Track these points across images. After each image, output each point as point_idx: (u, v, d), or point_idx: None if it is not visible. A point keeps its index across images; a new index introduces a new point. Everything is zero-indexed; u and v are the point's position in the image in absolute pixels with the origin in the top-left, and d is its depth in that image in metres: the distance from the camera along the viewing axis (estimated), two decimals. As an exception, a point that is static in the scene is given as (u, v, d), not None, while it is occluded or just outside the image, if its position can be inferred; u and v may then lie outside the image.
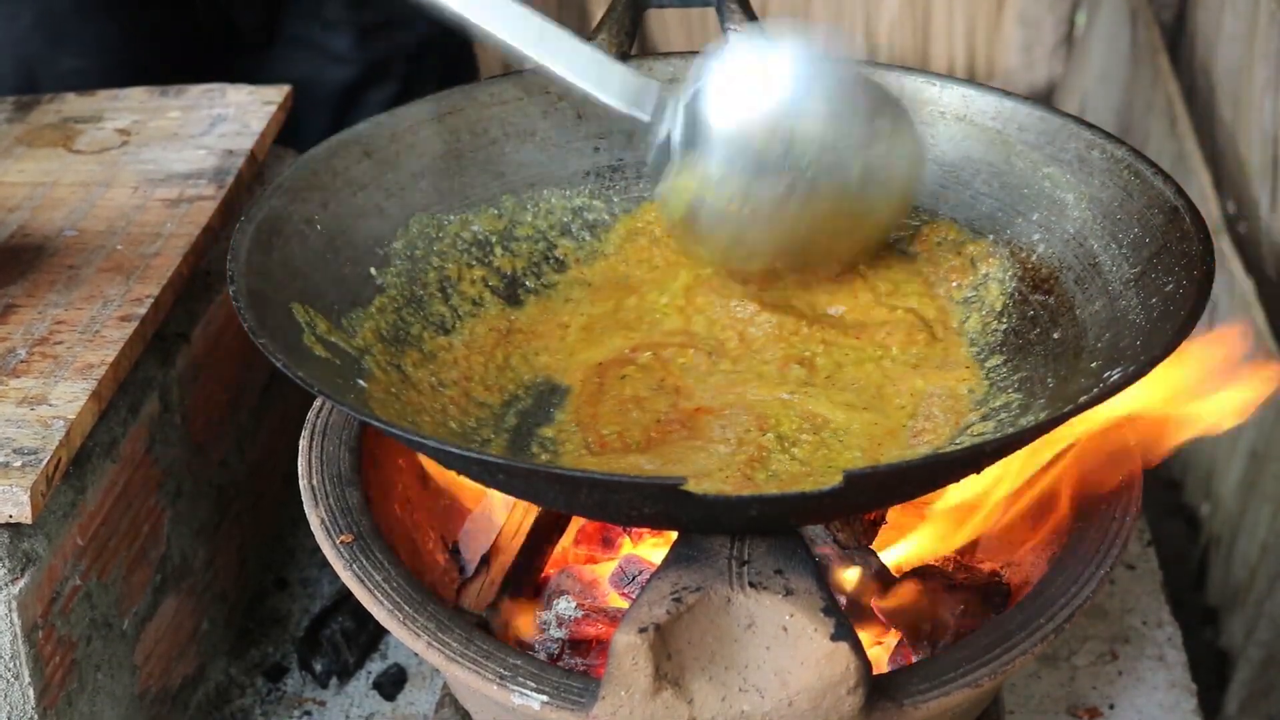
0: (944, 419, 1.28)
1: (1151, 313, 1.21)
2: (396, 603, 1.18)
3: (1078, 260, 1.32)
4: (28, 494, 1.19)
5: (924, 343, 1.36)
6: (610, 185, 1.48)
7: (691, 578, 1.06)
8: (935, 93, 1.44)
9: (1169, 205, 1.26)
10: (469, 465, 1.15)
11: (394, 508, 1.34)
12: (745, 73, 1.31)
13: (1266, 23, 2.23)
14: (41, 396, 1.28)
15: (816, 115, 1.29)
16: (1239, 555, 2.12)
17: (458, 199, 1.44)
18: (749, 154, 1.30)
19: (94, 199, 1.55)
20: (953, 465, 1.14)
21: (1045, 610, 1.16)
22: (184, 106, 1.71)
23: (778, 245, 1.35)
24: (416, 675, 1.55)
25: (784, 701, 1.05)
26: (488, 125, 1.46)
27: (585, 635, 1.30)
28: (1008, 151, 1.40)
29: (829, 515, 1.26)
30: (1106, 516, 1.24)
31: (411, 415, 1.26)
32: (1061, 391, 1.24)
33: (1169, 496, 2.38)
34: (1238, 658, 2.05)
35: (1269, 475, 2.04)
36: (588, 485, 1.10)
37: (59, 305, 1.39)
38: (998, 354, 1.34)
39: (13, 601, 1.21)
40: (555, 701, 1.09)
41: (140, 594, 1.40)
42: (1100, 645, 1.57)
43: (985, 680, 1.11)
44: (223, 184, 1.57)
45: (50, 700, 1.26)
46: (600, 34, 1.47)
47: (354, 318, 1.31)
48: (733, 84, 1.31)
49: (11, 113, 1.71)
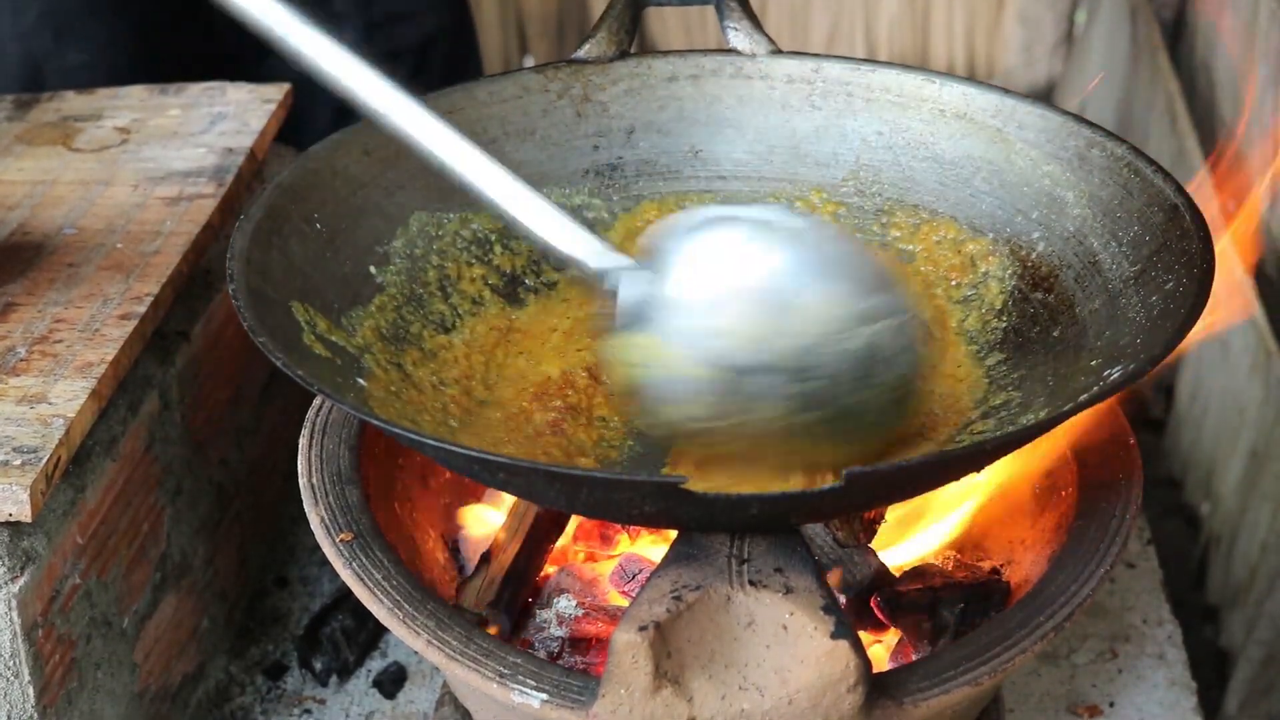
0: (944, 417, 1.28)
1: (1151, 311, 1.21)
2: (396, 601, 1.18)
3: (1077, 258, 1.32)
4: (27, 492, 1.19)
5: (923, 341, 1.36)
6: (610, 183, 1.48)
7: (691, 576, 1.06)
8: (935, 90, 1.44)
9: (1169, 203, 1.26)
10: (469, 464, 1.15)
11: (394, 506, 1.34)
12: (718, 278, 1.13)
13: (1266, 20, 2.23)
14: (41, 395, 1.28)
15: (795, 333, 1.10)
16: (1239, 554, 2.12)
17: (458, 197, 1.43)
18: (710, 381, 1.11)
19: (94, 197, 1.55)
20: (953, 464, 1.14)
21: (1045, 608, 1.16)
22: (184, 104, 1.71)
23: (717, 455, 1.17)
24: (416, 673, 1.55)
25: (784, 700, 1.05)
26: (487, 124, 1.46)
27: (585, 633, 1.30)
28: (1007, 149, 1.40)
29: (829, 514, 1.26)
30: (1106, 515, 1.24)
31: (412, 414, 1.26)
32: (1061, 390, 1.24)
33: (1169, 495, 2.38)
34: (1238, 656, 2.05)
35: (1269, 474, 2.04)
36: (588, 484, 1.10)
37: (59, 303, 1.39)
38: (997, 352, 1.34)
39: (12, 600, 1.21)
40: (555, 700, 1.09)
41: (140, 592, 1.40)
42: (1100, 643, 1.57)
43: (985, 678, 1.11)
44: (222, 182, 1.57)
45: (50, 699, 1.26)
46: (600, 32, 1.47)
47: (354, 316, 1.30)
48: (704, 281, 1.13)
49: (11, 111, 1.71)
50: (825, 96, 1.47)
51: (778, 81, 1.48)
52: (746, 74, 1.48)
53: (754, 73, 1.48)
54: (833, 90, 1.47)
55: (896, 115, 1.45)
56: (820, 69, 1.47)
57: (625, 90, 1.49)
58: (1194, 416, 2.38)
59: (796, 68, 1.48)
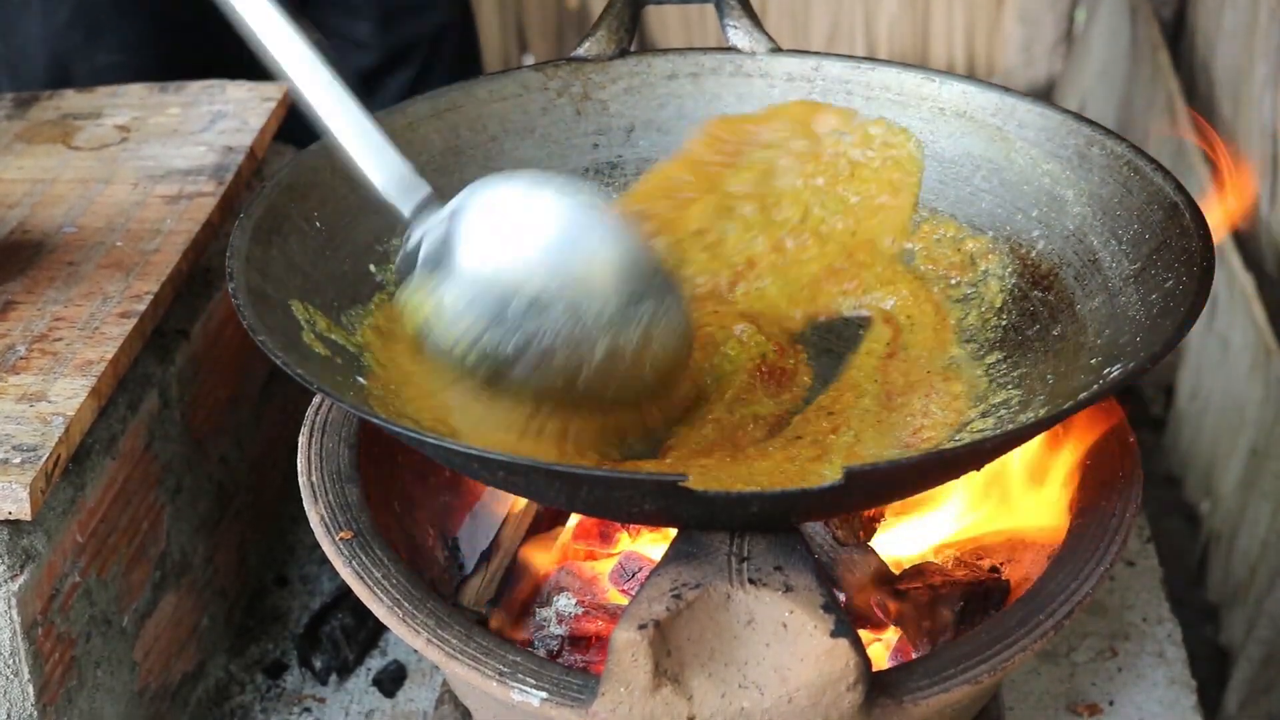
0: (943, 416, 1.28)
1: (1151, 309, 1.21)
2: (396, 599, 1.18)
3: (1077, 256, 1.32)
4: (27, 491, 1.19)
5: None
6: (609, 182, 1.48)
7: (691, 574, 1.06)
8: (935, 89, 1.44)
9: (1169, 201, 1.26)
10: (469, 462, 1.15)
11: (393, 504, 1.34)
12: (512, 210, 1.21)
13: (1266, 19, 2.23)
14: (41, 393, 1.27)
15: (571, 279, 1.18)
16: (1239, 552, 2.12)
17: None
18: (486, 299, 1.18)
19: (93, 195, 1.55)
20: (953, 462, 1.14)
21: (1045, 607, 1.16)
22: (183, 103, 1.71)
23: (499, 396, 1.22)
24: (416, 672, 1.55)
25: (784, 698, 1.05)
26: (487, 121, 1.46)
27: (585, 632, 1.30)
28: (1007, 148, 1.40)
29: (829, 512, 1.26)
30: (1106, 513, 1.24)
31: (412, 412, 1.25)
32: (1061, 388, 1.24)
33: (1169, 493, 2.38)
34: (1238, 655, 2.05)
35: (1269, 472, 2.04)
36: (588, 482, 1.10)
37: (58, 302, 1.39)
38: (997, 350, 1.34)
39: (12, 598, 1.21)
40: (555, 698, 1.09)
41: (140, 591, 1.40)
42: (1100, 642, 1.57)
43: (985, 677, 1.11)
44: (222, 180, 1.57)
45: (50, 697, 1.26)
46: (600, 30, 1.47)
47: (354, 314, 1.30)
48: (495, 217, 1.20)
49: (11, 109, 1.71)
50: (825, 95, 1.47)
51: (777, 80, 1.48)
52: (746, 72, 1.48)
53: (754, 71, 1.48)
54: (832, 88, 1.47)
55: (896, 113, 1.45)
56: (820, 67, 1.47)
57: (625, 88, 1.49)
58: (1194, 414, 2.38)
59: (796, 66, 1.48)
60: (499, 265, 1.19)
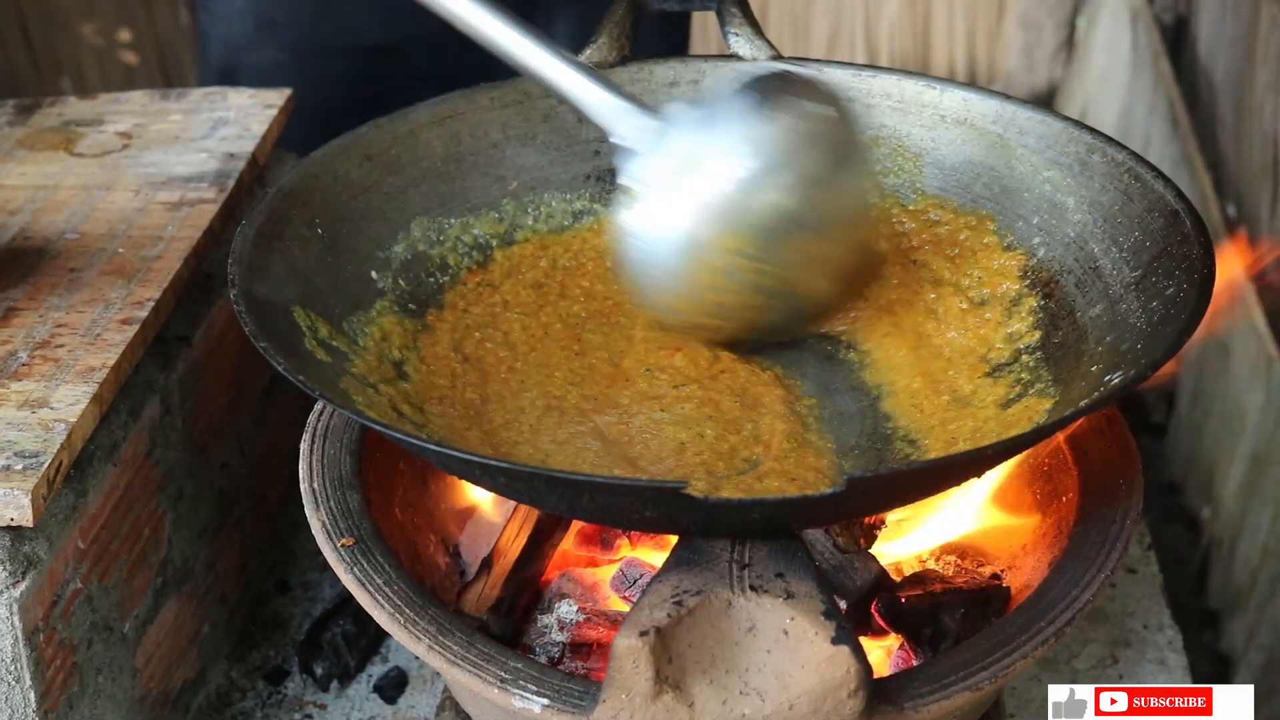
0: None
1: (1152, 316, 1.21)
2: (397, 606, 1.18)
3: (1078, 264, 1.32)
4: (29, 497, 1.19)
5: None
6: (611, 188, 1.48)
7: (692, 581, 1.06)
8: (935, 96, 1.44)
9: (1170, 209, 1.26)
10: (470, 469, 1.15)
11: (395, 511, 1.34)
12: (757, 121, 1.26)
13: (1267, 26, 2.23)
14: (43, 400, 1.28)
15: (817, 178, 1.26)
16: (1240, 559, 2.12)
17: (459, 202, 1.44)
18: (744, 209, 1.25)
19: (95, 202, 1.55)
20: (954, 469, 1.14)
21: (1046, 614, 1.16)
22: (185, 110, 1.71)
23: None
24: (417, 678, 1.55)
25: (785, 705, 1.05)
26: (488, 129, 1.46)
27: (586, 638, 1.30)
28: (1008, 155, 1.40)
29: (830, 519, 1.26)
30: (1107, 520, 1.24)
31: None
32: (1062, 395, 1.24)
33: (1170, 500, 2.38)
34: (1239, 662, 2.05)
35: (1270, 479, 2.04)
36: (589, 489, 1.11)
37: (60, 308, 1.39)
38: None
39: (14, 605, 1.21)
40: (556, 705, 1.09)
41: (141, 597, 1.40)
42: (1101, 649, 1.57)
43: (986, 684, 1.11)
44: (224, 187, 1.57)
45: (51, 703, 1.26)
46: (601, 37, 1.47)
47: (355, 321, 1.31)
48: (744, 127, 1.26)
49: (13, 116, 1.71)
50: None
51: (779, 87, 1.48)
52: (747, 79, 1.48)
53: (755, 78, 1.48)
54: (833, 96, 1.47)
55: (897, 121, 1.45)
56: (820, 74, 1.47)
57: (626, 95, 1.49)
58: (1195, 421, 2.38)
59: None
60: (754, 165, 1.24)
